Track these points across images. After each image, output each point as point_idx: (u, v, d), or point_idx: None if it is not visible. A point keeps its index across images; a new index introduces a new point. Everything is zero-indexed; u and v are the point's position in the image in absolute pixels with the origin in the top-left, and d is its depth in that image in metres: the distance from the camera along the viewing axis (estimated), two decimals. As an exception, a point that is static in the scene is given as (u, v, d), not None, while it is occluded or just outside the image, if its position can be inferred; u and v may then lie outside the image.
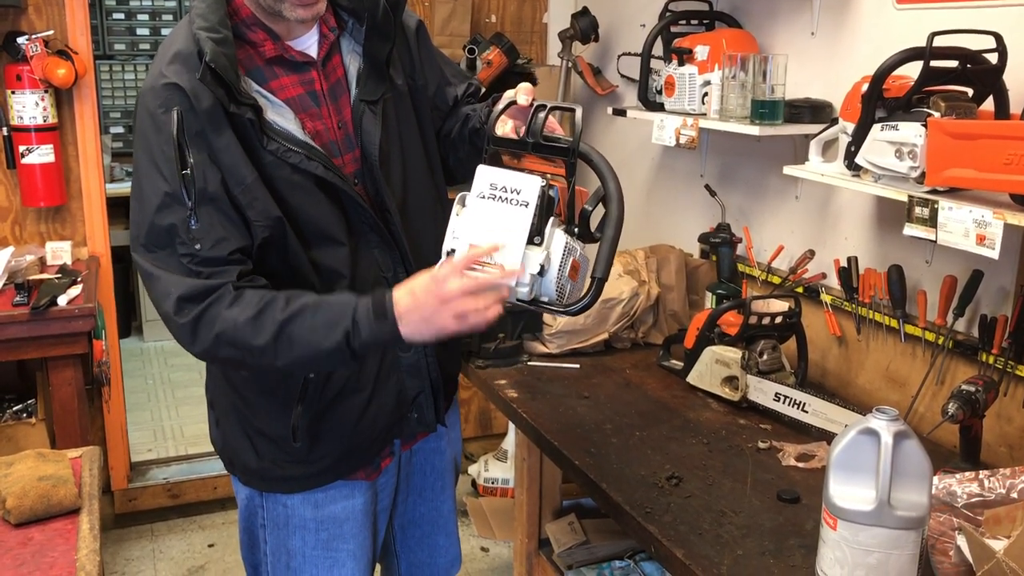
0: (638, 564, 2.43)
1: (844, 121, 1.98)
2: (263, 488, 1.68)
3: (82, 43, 3.11)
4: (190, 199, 1.40)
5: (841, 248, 2.35)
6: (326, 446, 1.62)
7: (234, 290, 1.41)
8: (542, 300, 1.39)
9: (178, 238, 1.41)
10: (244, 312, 1.39)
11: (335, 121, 1.57)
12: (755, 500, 1.77)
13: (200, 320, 1.40)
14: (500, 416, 3.84)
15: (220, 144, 1.42)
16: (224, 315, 1.40)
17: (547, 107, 1.42)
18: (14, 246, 3.09)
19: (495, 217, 1.36)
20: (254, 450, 1.64)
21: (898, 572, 1.39)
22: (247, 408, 1.63)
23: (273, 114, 1.47)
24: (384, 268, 1.59)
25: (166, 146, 1.40)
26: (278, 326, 1.39)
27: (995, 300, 1.99)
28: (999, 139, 1.59)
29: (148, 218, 1.42)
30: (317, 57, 1.55)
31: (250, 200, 1.44)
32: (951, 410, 1.78)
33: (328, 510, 1.67)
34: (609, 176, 1.40)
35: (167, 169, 1.40)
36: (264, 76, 1.51)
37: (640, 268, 2.64)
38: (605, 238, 1.39)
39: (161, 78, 1.43)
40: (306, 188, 1.49)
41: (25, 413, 3.00)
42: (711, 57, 2.47)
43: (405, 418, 1.70)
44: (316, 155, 1.48)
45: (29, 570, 1.56)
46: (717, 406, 2.21)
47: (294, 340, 1.40)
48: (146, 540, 3.41)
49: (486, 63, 3.33)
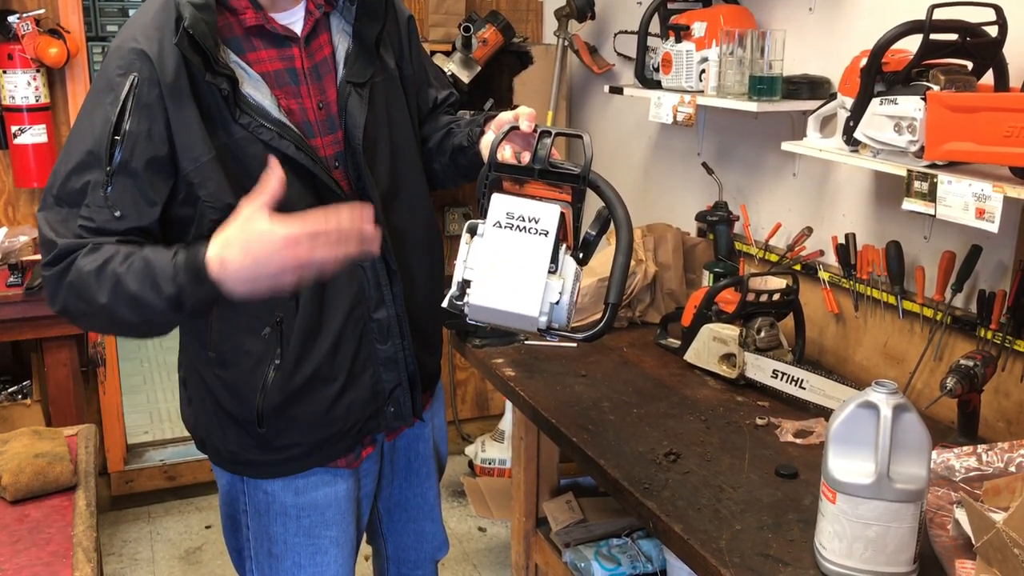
0: (635, 542, 2.43)
1: (843, 96, 1.97)
2: (234, 471, 1.65)
3: (74, 22, 3.08)
4: (109, 165, 1.36)
5: (839, 225, 2.35)
6: (294, 434, 1.58)
7: (93, 244, 1.35)
8: (554, 327, 1.37)
9: (86, 197, 1.36)
10: (92, 263, 1.33)
11: (315, 101, 1.52)
12: (753, 476, 1.77)
13: (62, 277, 1.35)
14: (497, 397, 3.84)
15: (179, 119, 1.38)
16: (77, 264, 1.34)
17: (552, 133, 1.39)
18: (7, 227, 3.07)
19: (514, 246, 1.34)
20: (222, 432, 1.60)
21: (897, 545, 1.39)
22: (215, 387, 1.58)
23: (249, 87, 1.43)
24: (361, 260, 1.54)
25: (110, 107, 1.37)
26: (113, 280, 1.32)
27: (993, 275, 1.98)
28: (999, 112, 1.58)
29: (66, 170, 1.38)
30: (300, 34, 1.51)
31: (202, 180, 1.40)
32: (949, 384, 1.78)
33: (309, 497, 1.64)
34: (617, 203, 1.38)
35: (101, 129, 1.37)
36: (242, 46, 1.46)
37: (637, 247, 2.63)
38: (616, 264, 1.37)
39: (130, 41, 1.39)
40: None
41: (20, 395, 3.00)
42: (708, 33, 2.46)
43: (381, 411, 1.67)
44: (288, 134, 1.44)
45: (25, 546, 1.56)
46: (715, 383, 2.21)
47: (123, 301, 1.33)
48: (143, 522, 3.41)
49: (482, 41, 3.31)
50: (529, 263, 1.33)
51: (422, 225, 1.69)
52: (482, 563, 3.17)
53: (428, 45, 3.40)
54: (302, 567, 1.67)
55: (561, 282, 1.35)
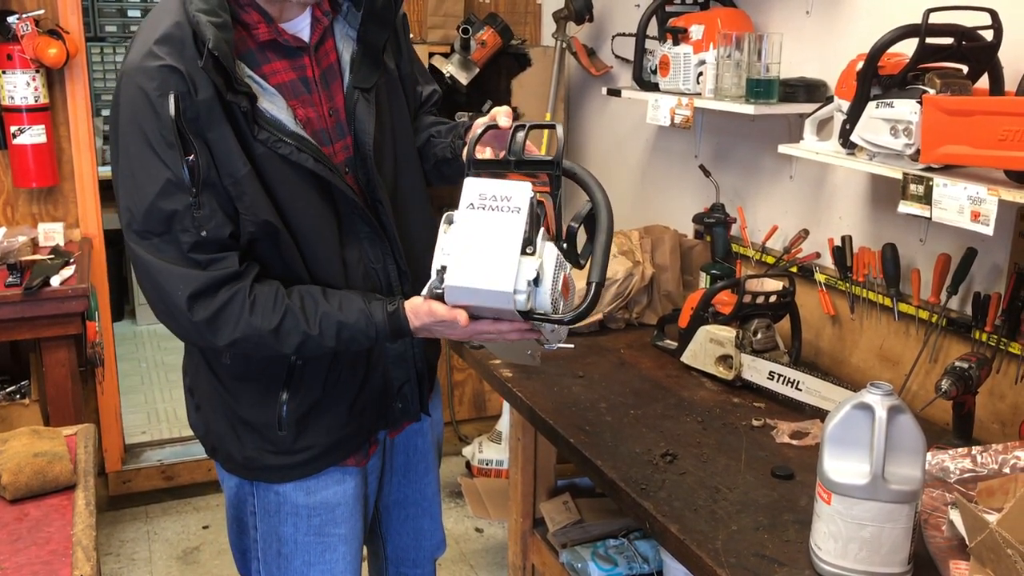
0: (632, 542, 2.44)
1: (839, 99, 1.98)
2: (248, 477, 1.65)
3: (73, 22, 3.09)
4: (194, 185, 1.37)
5: (835, 227, 2.36)
6: (312, 437, 1.60)
7: (248, 296, 1.42)
8: (537, 313, 1.38)
9: (178, 224, 1.38)
10: (264, 323, 1.42)
11: (326, 108, 1.53)
12: (749, 477, 1.78)
13: (216, 320, 1.41)
14: (494, 398, 3.84)
15: (215, 135, 1.39)
16: (244, 322, 1.42)
17: (526, 126, 1.42)
18: (6, 227, 3.08)
19: (487, 225, 1.35)
20: (237, 439, 1.61)
21: (891, 546, 1.40)
22: (230, 396, 1.60)
23: (266, 102, 1.44)
24: (374, 260, 1.58)
25: (165, 131, 1.36)
26: (301, 339, 1.44)
27: (988, 278, 1.99)
28: (994, 115, 1.59)
29: (145, 204, 1.38)
30: (310, 42, 1.51)
31: (239, 194, 1.41)
32: (944, 386, 1.79)
33: (320, 496, 1.66)
34: (595, 187, 1.39)
35: (167, 155, 1.36)
36: (256, 60, 1.46)
37: (634, 249, 2.64)
38: (597, 244, 1.38)
39: (153, 59, 1.37)
40: (295, 181, 1.46)
41: (19, 395, 3.00)
42: (706, 36, 2.47)
43: (390, 408, 1.69)
44: (307, 147, 1.45)
45: (25, 545, 1.56)
46: (711, 385, 2.21)
47: (314, 351, 1.48)
48: (140, 522, 3.42)
49: (480, 43, 3.32)
50: (502, 240, 1.34)
51: (424, 225, 1.71)
52: (479, 564, 3.18)
53: (427, 47, 3.41)
54: (312, 565, 1.68)
55: (539, 262, 1.35)
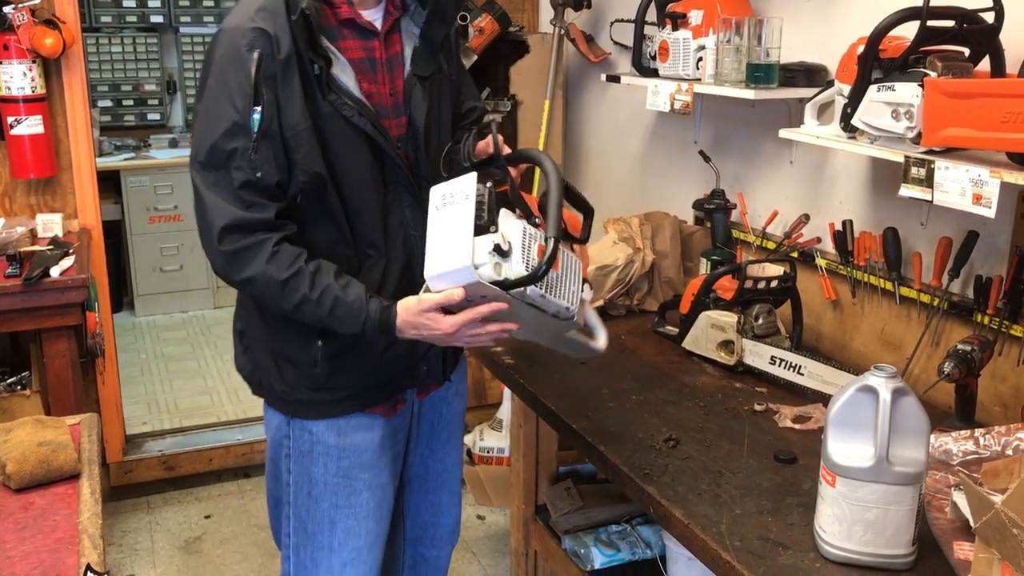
0: (635, 528, 2.44)
1: (840, 83, 1.97)
2: (284, 410, 1.81)
3: (69, 12, 3.07)
4: (256, 131, 1.57)
5: (836, 212, 2.36)
6: (343, 378, 1.76)
7: (273, 247, 1.60)
8: (510, 279, 1.49)
9: (234, 162, 1.57)
10: (277, 273, 1.59)
11: (387, 88, 1.72)
12: (752, 461, 1.78)
13: (238, 256, 1.59)
14: (495, 385, 3.84)
15: (287, 90, 1.59)
16: (261, 266, 1.59)
17: (472, 131, 1.73)
18: (4, 218, 3.07)
19: (446, 219, 1.52)
20: (279, 373, 1.77)
21: (896, 527, 1.41)
22: (277, 336, 1.77)
23: (337, 70, 1.63)
24: (413, 226, 1.73)
25: (244, 81, 1.56)
26: (301, 298, 1.60)
27: (990, 261, 1.99)
28: (996, 97, 1.59)
29: (212, 139, 1.58)
30: (381, 29, 1.71)
31: (297, 145, 1.61)
32: (947, 369, 1.79)
33: (350, 439, 1.80)
34: (540, 156, 1.62)
35: (240, 101, 1.56)
36: (335, 35, 1.66)
37: (635, 235, 2.64)
38: (549, 202, 1.55)
39: (250, 21, 1.58)
40: (353, 141, 1.65)
41: (19, 385, 3.00)
42: (705, 21, 2.46)
43: (416, 368, 1.84)
44: (367, 112, 1.65)
45: (31, 533, 1.57)
46: (713, 370, 2.22)
47: (308, 316, 1.63)
48: (142, 512, 3.42)
49: (478, 30, 3.31)
50: (456, 225, 1.49)
51: None
52: (481, 551, 3.19)
53: (424, 34, 3.39)
54: (338, 508, 1.82)
55: (499, 235, 1.48)
